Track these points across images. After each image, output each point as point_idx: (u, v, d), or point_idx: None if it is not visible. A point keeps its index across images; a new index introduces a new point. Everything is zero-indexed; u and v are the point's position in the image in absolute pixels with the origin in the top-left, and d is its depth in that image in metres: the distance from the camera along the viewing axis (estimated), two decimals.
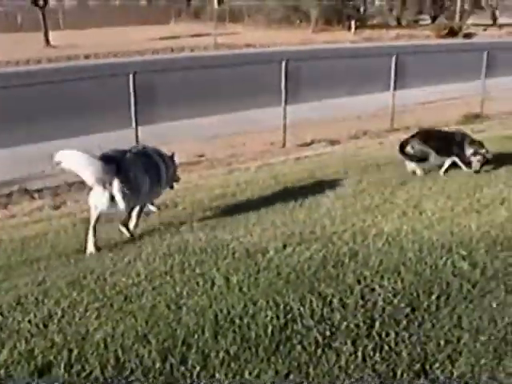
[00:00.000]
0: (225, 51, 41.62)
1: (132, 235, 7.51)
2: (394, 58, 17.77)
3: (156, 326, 4.51)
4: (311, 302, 4.69)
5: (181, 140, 15.36)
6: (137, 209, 7.71)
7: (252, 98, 19.17)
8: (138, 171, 7.37)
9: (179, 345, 4.23)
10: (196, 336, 4.33)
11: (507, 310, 4.60)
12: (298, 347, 4.16)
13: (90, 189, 7.19)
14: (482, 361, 4.02)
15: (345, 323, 4.40)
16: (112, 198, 7.12)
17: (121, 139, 13.89)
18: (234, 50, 42.33)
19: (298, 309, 4.59)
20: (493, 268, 5.32)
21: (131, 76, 13.26)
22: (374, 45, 48.98)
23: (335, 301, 4.71)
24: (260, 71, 20.37)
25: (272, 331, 4.33)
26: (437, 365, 3.99)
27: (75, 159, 6.85)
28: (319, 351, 4.12)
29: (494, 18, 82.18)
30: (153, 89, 15.85)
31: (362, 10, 72.93)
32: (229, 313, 4.59)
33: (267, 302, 4.69)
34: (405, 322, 4.41)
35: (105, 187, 7.05)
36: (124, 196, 7.10)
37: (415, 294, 4.80)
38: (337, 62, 24.98)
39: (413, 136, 10.24)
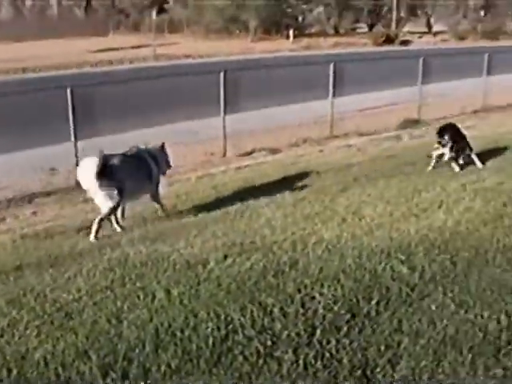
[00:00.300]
0: (164, 62, 41.50)
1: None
2: (331, 66, 17.94)
3: (97, 341, 4.46)
4: (252, 312, 4.69)
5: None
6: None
7: (192, 108, 19.12)
8: (126, 173, 8.64)
9: (120, 360, 4.19)
10: (137, 350, 4.30)
11: (445, 312, 4.67)
12: (240, 358, 4.15)
13: None
14: (422, 363, 4.07)
15: (286, 332, 4.40)
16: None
17: (61, 153, 13.80)
18: (173, 61, 42.25)
19: (239, 319, 4.59)
20: (431, 271, 5.39)
21: (68, 90, 13.16)
22: (313, 53, 49.36)
23: (276, 310, 4.71)
24: (200, 81, 20.32)
25: (213, 343, 4.32)
26: (378, 369, 4.02)
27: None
28: (261, 361, 4.11)
29: (429, 26, 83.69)
30: (93, 102, 15.74)
31: (300, 18, 73.50)
32: (170, 326, 4.56)
33: (208, 314, 4.68)
34: (345, 329, 4.44)
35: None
36: (106, 196, 8.46)
37: (355, 300, 4.84)
38: (276, 71, 25.08)
39: None
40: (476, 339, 4.32)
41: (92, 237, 8.42)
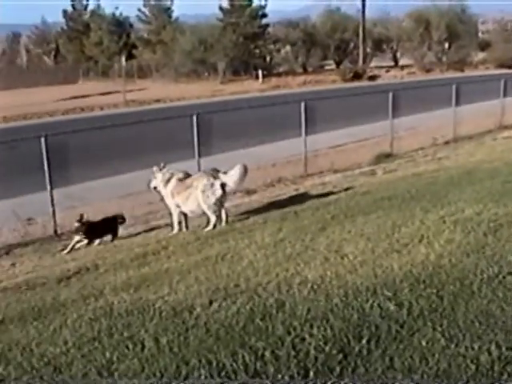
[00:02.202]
0: (135, 107, 41.60)
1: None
2: (302, 104, 18.07)
3: None
4: (243, 356, 4.65)
5: (97, 199, 15.27)
6: None
7: (166, 153, 19.14)
8: None
9: None
10: None
11: (436, 347, 4.66)
12: None
13: None
14: None
15: (279, 376, 4.37)
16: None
17: (35, 203, 13.77)
18: (144, 106, 42.35)
19: (231, 365, 4.54)
20: (418, 306, 5.39)
21: (42, 139, 13.13)
22: (283, 92, 49.78)
23: (267, 354, 4.67)
24: (172, 126, 20.40)
25: None
26: None
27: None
28: None
29: (396, 60, 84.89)
30: (65, 150, 15.73)
31: (268, 59, 74.25)
32: (162, 375, 4.50)
33: (199, 361, 4.63)
34: (338, 369, 4.41)
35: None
36: None
37: (346, 340, 4.82)
38: (247, 112, 25.21)
39: None
40: (469, 372, 4.31)
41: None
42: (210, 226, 11.40)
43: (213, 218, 11.48)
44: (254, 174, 17.31)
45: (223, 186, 11.47)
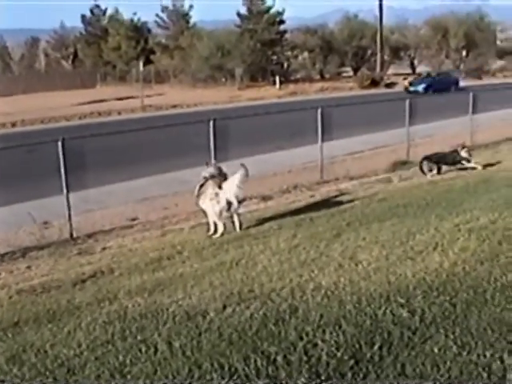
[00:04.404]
0: (152, 113, 41.76)
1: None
2: (319, 111, 18.07)
3: None
4: (256, 361, 4.66)
5: (113, 204, 15.33)
6: None
7: (182, 158, 19.25)
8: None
9: None
10: None
11: (448, 355, 4.65)
12: None
13: None
14: None
15: (291, 380, 4.38)
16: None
17: (52, 206, 13.84)
18: (161, 111, 42.49)
19: (243, 369, 4.56)
20: (431, 314, 5.39)
21: (59, 143, 13.18)
22: (300, 99, 49.75)
23: (279, 358, 4.69)
24: (189, 131, 20.46)
25: None
26: None
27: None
28: None
29: (413, 67, 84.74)
30: (82, 154, 15.79)
31: (285, 65, 74.29)
32: (174, 378, 4.53)
33: (212, 365, 4.65)
34: (350, 375, 4.42)
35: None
36: None
37: (358, 346, 4.82)
38: (265, 118, 25.25)
39: None
40: (481, 380, 4.31)
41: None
42: (218, 234, 11.44)
43: (220, 226, 11.51)
44: (271, 180, 17.38)
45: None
